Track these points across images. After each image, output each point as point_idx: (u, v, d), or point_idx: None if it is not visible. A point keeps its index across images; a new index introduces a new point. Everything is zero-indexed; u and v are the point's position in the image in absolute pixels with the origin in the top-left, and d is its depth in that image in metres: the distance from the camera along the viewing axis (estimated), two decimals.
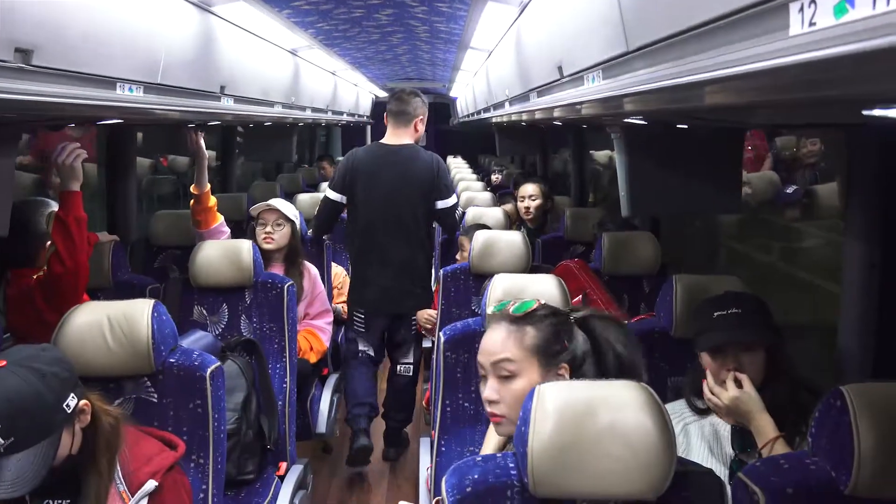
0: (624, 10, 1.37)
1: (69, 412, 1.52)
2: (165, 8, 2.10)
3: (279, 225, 3.30)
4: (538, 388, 1.31)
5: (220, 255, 2.81)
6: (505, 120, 4.30)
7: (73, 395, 1.53)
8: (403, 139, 3.56)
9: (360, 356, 3.62)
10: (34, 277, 2.31)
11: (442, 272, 3.19)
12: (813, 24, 0.62)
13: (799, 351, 2.23)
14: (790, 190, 3.52)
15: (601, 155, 5.94)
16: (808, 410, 1.48)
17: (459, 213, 3.61)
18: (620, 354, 1.55)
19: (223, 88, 2.76)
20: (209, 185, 3.36)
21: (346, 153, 3.78)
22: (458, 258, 3.67)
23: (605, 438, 1.24)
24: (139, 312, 1.90)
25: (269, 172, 7.89)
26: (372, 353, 3.61)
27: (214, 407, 1.95)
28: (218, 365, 1.99)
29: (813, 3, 0.64)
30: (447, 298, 3.14)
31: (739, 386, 1.72)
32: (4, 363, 1.48)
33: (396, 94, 3.62)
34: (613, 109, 1.66)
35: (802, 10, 0.66)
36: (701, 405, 1.85)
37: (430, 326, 3.46)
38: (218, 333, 2.81)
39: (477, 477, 1.33)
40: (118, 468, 1.62)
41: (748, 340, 1.77)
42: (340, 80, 6.41)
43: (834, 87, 0.67)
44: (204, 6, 2.42)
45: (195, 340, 2.34)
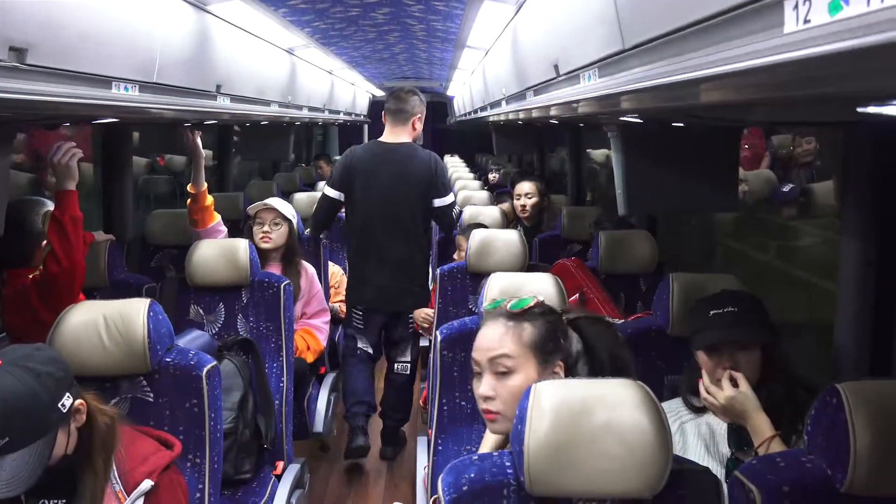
0: (620, 8, 1.37)
1: (64, 412, 1.52)
2: (161, 6, 2.10)
3: (276, 224, 3.29)
4: (534, 386, 1.31)
5: (216, 254, 2.81)
6: (502, 119, 4.31)
7: (68, 394, 1.53)
8: (402, 137, 3.56)
9: (357, 353, 3.63)
10: (30, 277, 2.30)
11: (439, 271, 3.19)
12: (808, 21, 0.62)
13: (795, 349, 2.22)
14: (786, 188, 3.53)
15: (598, 154, 5.94)
16: (804, 409, 1.48)
17: (457, 211, 3.60)
18: (612, 355, 1.55)
19: (219, 87, 2.76)
20: (206, 184, 3.35)
21: (343, 152, 3.78)
22: (455, 258, 3.67)
23: (601, 437, 1.24)
24: (135, 312, 1.89)
25: (265, 171, 7.88)
26: (370, 350, 3.62)
27: (211, 406, 1.94)
28: (214, 364, 1.99)
29: (807, 0, 0.64)
30: (444, 297, 3.13)
31: (735, 385, 1.72)
32: None
33: (394, 92, 3.62)
34: (609, 107, 1.66)
35: (797, 7, 0.66)
36: (697, 403, 1.85)
37: (427, 325, 3.46)
38: (214, 333, 2.80)
39: (473, 476, 1.32)
40: (114, 468, 1.62)
41: (744, 339, 1.77)
42: (337, 79, 6.40)
43: (829, 84, 0.67)
44: (199, 5, 2.41)
45: (192, 340, 2.34)
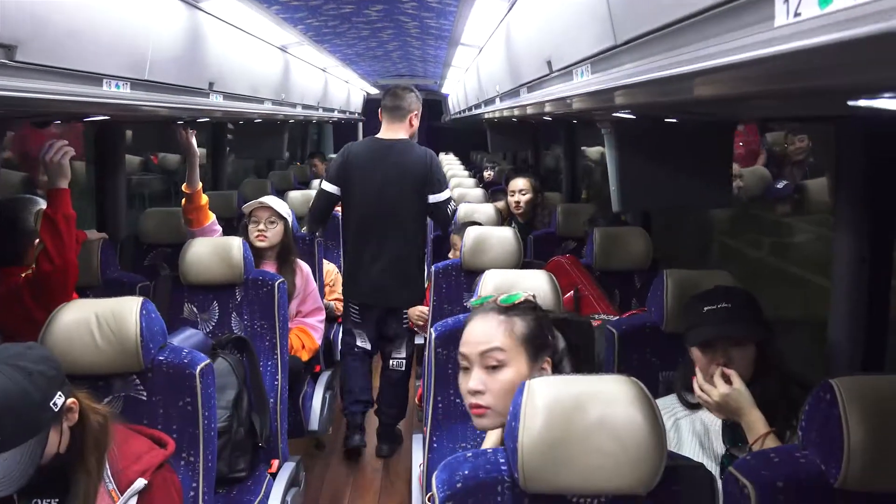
0: (611, 4, 1.37)
1: (56, 411, 1.51)
2: (152, 3, 2.09)
3: (272, 223, 3.28)
4: (528, 383, 1.31)
5: (210, 252, 2.80)
6: (496, 116, 4.31)
7: (60, 393, 1.52)
8: (398, 134, 3.58)
9: (355, 352, 3.66)
10: (22, 276, 2.29)
11: (433, 268, 3.19)
12: (798, 14, 0.62)
13: (789, 345, 2.23)
14: (780, 185, 3.53)
15: (593, 151, 5.95)
16: (798, 405, 1.48)
17: (453, 206, 3.60)
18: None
19: (212, 85, 2.75)
20: (201, 183, 3.34)
21: (337, 150, 3.79)
22: (450, 256, 3.67)
23: (594, 433, 1.24)
24: (127, 310, 1.89)
25: (260, 170, 7.87)
26: (368, 346, 3.66)
27: (204, 405, 1.94)
28: (207, 362, 1.98)
29: None
30: (439, 295, 3.13)
31: (728, 381, 1.72)
32: None
33: (391, 89, 3.65)
34: (602, 103, 1.66)
35: (787, 1, 0.65)
36: (692, 400, 1.85)
37: (421, 323, 3.46)
38: (209, 331, 2.79)
39: (467, 472, 1.32)
40: (107, 467, 1.61)
41: (738, 335, 1.76)
42: (331, 76, 6.39)
43: (819, 76, 0.67)
44: (191, 2, 2.40)
45: (186, 338, 2.33)
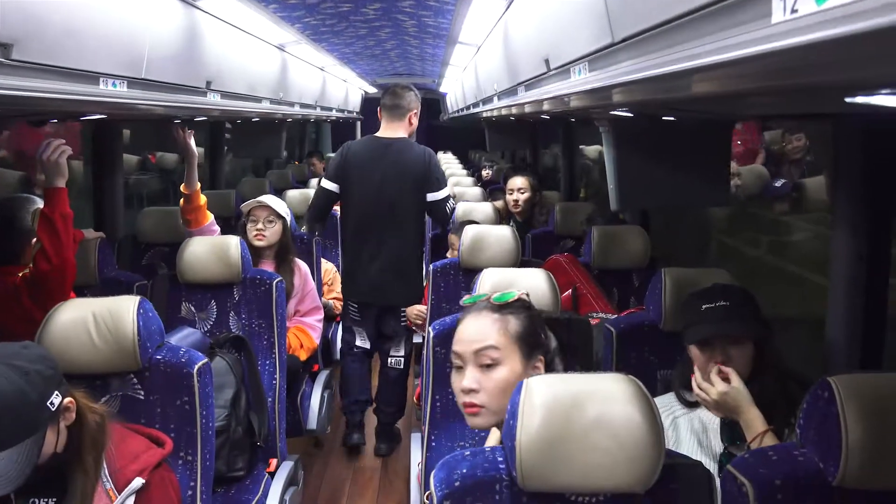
0: (609, 1, 1.37)
1: (53, 410, 1.51)
2: (149, 1, 2.08)
3: (270, 222, 3.28)
4: (526, 381, 1.31)
5: (207, 251, 2.79)
6: (494, 115, 4.30)
7: (57, 392, 1.52)
8: (398, 133, 3.59)
9: (355, 353, 3.69)
10: (20, 275, 2.29)
11: (431, 267, 3.19)
12: (795, 11, 0.62)
13: (787, 344, 2.23)
14: (778, 183, 3.53)
15: (591, 150, 5.95)
16: (796, 403, 1.48)
17: (452, 205, 3.61)
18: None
19: (209, 84, 2.74)
20: (199, 184, 3.34)
21: (335, 150, 3.80)
22: (448, 256, 3.67)
23: (593, 432, 1.24)
24: (124, 309, 1.88)
25: (258, 169, 7.87)
26: (367, 345, 3.68)
27: (202, 404, 1.94)
28: (205, 361, 1.98)
29: None
30: (437, 293, 3.13)
31: (725, 379, 1.72)
32: None
33: (390, 88, 3.66)
34: (600, 101, 1.66)
35: None
36: (690, 398, 1.85)
37: (420, 322, 3.45)
38: (206, 330, 2.79)
39: (465, 471, 1.32)
40: (104, 466, 1.61)
41: (736, 333, 1.76)
42: (329, 75, 6.38)
43: (817, 73, 0.67)
44: (189, 0, 2.39)
45: (183, 337, 2.33)
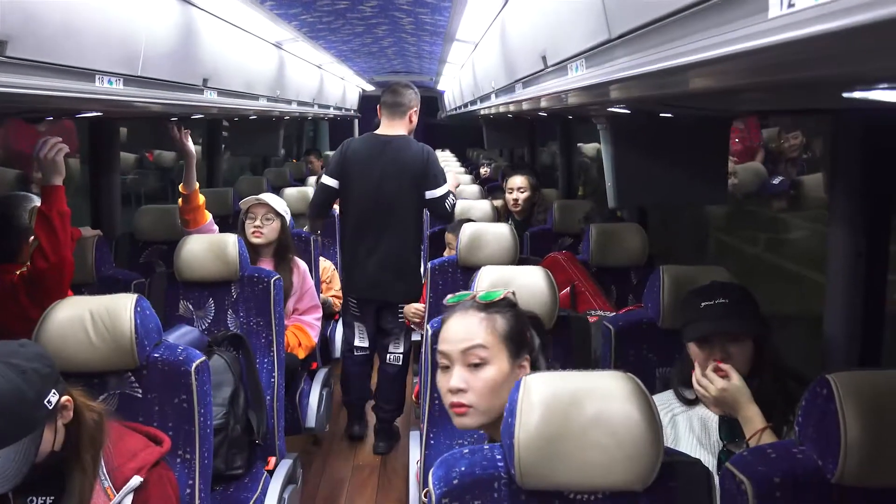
0: None
1: (51, 408, 1.50)
2: None
3: (269, 219, 3.28)
4: (524, 379, 1.31)
5: (205, 249, 2.79)
6: (492, 112, 4.30)
7: (54, 391, 1.52)
8: (398, 130, 3.61)
9: (355, 356, 3.75)
10: (17, 273, 2.28)
11: (430, 265, 3.18)
12: (792, 5, 0.62)
13: (785, 341, 2.23)
14: (776, 181, 3.53)
15: (589, 148, 5.94)
16: (795, 400, 1.48)
17: (452, 201, 3.61)
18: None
19: (206, 81, 2.73)
20: (198, 184, 3.34)
21: (333, 148, 3.82)
22: (445, 255, 3.67)
23: (591, 429, 1.24)
24: (122, 307, 1.88)
25: (255, 167, 7.86)
26: (366, 344, 3.72)
27: (200, 402, 1.93)
28: (203, 359, 1.98)
29: None
30: (435, 291, 3.12)
31: (724, 377, 1.71)
32: None
33: (391, 86, 3.68)
34: (597, 98, 1.65)
35: None
36: (689, 396, 1.85)
37: (417, 320, 3.45)
38: (204, 328, 2.79)
39: (464, 469, 1.32)
40: (102, 464, 1.61)
41: (736, 331, 1.76)
42: (326, 73, 6.37)
43: (814, 68, 0.67)
44: None
45: (181, 335, 2.33)
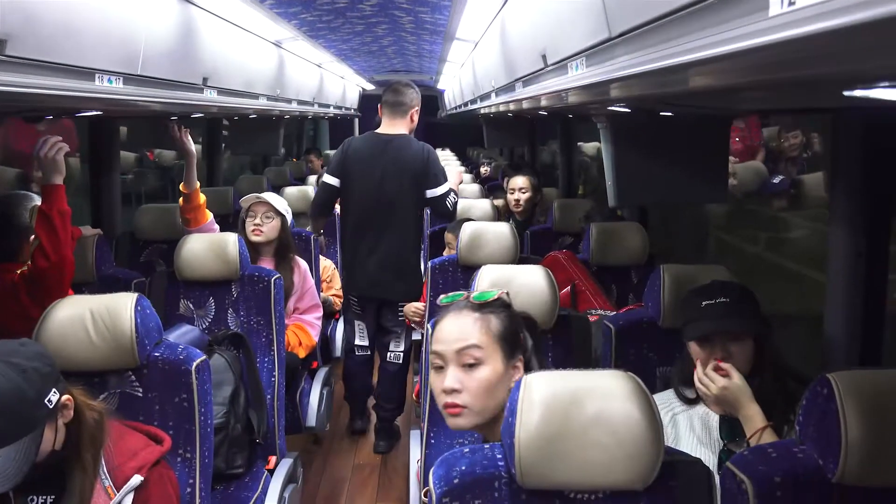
0: None
1: (51, 407, 1.50)
2: None
3: (268, 217, 3.28)
4: (525, 378, 1.31)
5: (205, 248, 2.79)
6: (492, 111, 4.29)
7: (54, 390, 1.52)
8: (399, 129, 3.63)
9: (356, 357, 3.77)
10: (18, 272, 2.28)
11: (430, 264, 3.18)
12: (792, 3, 0.62)
13: (786, 340, 2.22)
14: (777, 180, 3.53)
15: (589, 147, 5.94)
16: (795, 399, 1.48)
17: (453, 199, 3.61)
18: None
19: (206, 80, 2.73)
20: (199, 183, 3.34)
21: (333, 147, 3.83)
22: (444, 254, 3.67)
23: (591, 429, 1.24)
24: (122, 306, 1.88)
25: (255, 166, 7.86)
26: (366, 343, 3.73)
27: (200, 401, 1.93)
28: (203, 358, 1.97)
29: None
30: (435, 290, 3.12)
31: (725, 376, 1.71)
32: None
33: (392, 85, 3.69)
34: (598, 96, 1.65)
35: None
36: (690, 395, 1.85)
37: (417, 319, 3.45)
38: (205, 327, 2.78)
39: (464, 468, 1.32)
40: (103, 463, 1.61)
41: (737, 330, 1.76)
42: (326, 72, 6.37)
43: (815, 66, 0.66)
44: None
45: (182, 335, 2.33)
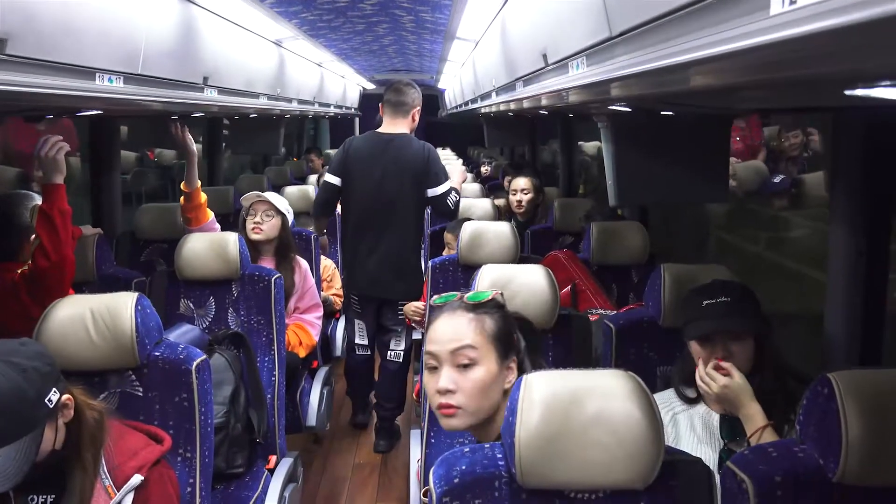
0: None
1: (51, 407, 1.50)
2: None
3: (268, 215, 3.28)
4: (525, 377, 1.31)
5: (206, 247, 2.78)
6: (493, 110, 4.30)
7: (55, 389, 1.52)
8: (400, 129, 3.63)
9: (357, 356, 3.80)
10: (18, 272, 2.28)
11: (430, 263, 3.18)
12: (794, 1, 0.61)
13: (786, 340, 2.22)
14: (777, 179, 3.53)
15: (590, 146, 5.94)
16: (796, 398, 1.48)
17: (454, 198, 3.60)
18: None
19: (206, 79, 2.73)
20: (200, 182, 3.34)
21: (334, 146, 3.84)
22: (443, 254, 3.67)
23: (592, 428, 1.24)
24: (122, 305, 1.88)
25: (256, 165, 7.86)
26: (366, 342, 3.75)
27: (201, 400, 1.93)
28: (204, 358, 1.97)
29: None
30: (436, 290, 3.12)
31: (725, 375, 1.71)
32: None
33: (393, 84, 3.70)
34: (598, 96, 1.65)
35: None
36: (690, 394, 1.85)
37: (417, 318, 3.45)
38: (205, 327, 2.78)
39: (465, 468, 1.32)
40: (103, 463, 1.61)
41: (737, 329, 1.77)
42: (327, 71, 6.37)
43: (816, 65, 0.66)
44: None
45: (182, 334, 2.32)
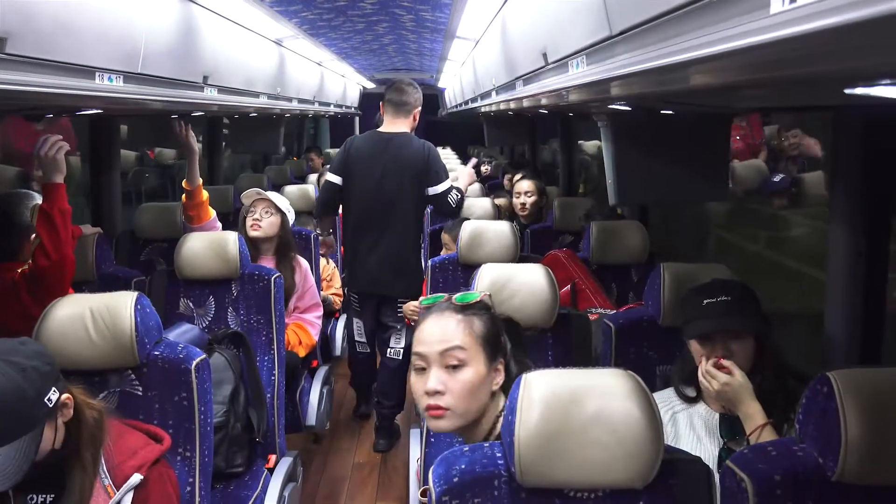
0: None
1: (51, 406, 1.50)
2: None
3: (268, 213, 3.27)
4: (524, 376, 1.31)
5: (205, 246, 2.78)
6: (493, 110, 4.30)
7: (54, 388, 1.52)
8: (401, 128, 3.64)
9: (359, 356, 3.84)
10: (19, 271, 2.28)
11: (430, 262, 3.18)
12: (793, 0, 0.61)
13: (786, 339, 2.22)
14: (777, 178, 3.53)
15: (590, 145, 5.94)
16: (795, 397, 1.48)
17: (455, 196, 3.60)
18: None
19: (206, 78, 2.73)
20: (201, 180, 3.34)
21: (334, 145, 3.86)
22: (442, 254, 3.67)
23: (591, 427, 1.24)
24: (122, 305, 1.88)
25: (256, 164, 7.86)
26: (364, 340, 3.78)
27: (200, 400, 1.93)
28: (203, 357, 1.97)
29: None
30: (435, 289, 3.12)
31: (726, 373, 1.72)
32: None
33: (394, 84, 3.71)
34: (598, 95, 1.65)
35: None
36: (690, 393, 1.85)
37: (416, 318, 3.45)
38: (205, 326, 2.78)
39: (464, 467, 1.32)
40: (102, 462, 1.61)
41: (738, 328, 1.77)
42: (327, 70, 6.37)
43: (816, 64, 0.66)
44: None
45: (181, 333, 2.32)
